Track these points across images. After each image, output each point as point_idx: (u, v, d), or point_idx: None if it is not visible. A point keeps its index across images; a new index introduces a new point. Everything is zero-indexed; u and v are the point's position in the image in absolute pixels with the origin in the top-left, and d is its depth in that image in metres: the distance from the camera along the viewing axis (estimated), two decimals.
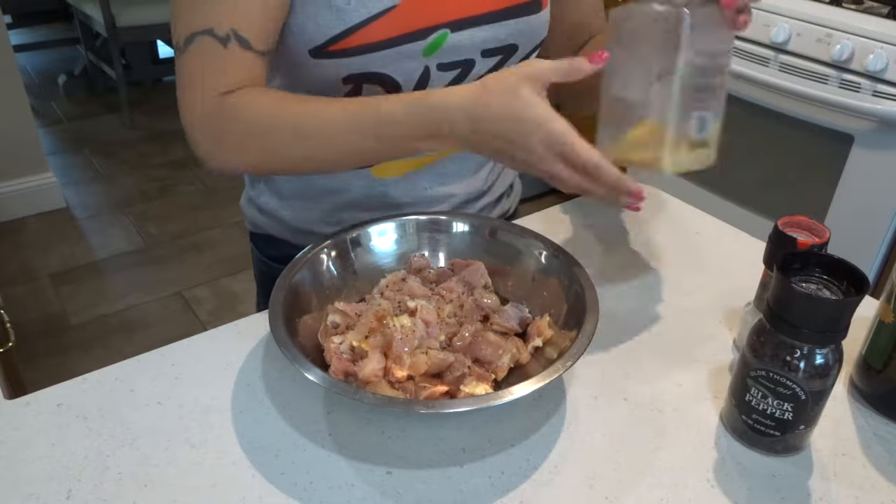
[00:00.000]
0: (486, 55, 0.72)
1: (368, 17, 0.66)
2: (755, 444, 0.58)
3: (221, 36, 0.64)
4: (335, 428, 0.59)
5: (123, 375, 0.64)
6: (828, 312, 0.52)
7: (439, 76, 0.71)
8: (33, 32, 4.24)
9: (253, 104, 0.65)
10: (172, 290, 2.27)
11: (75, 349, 2.03)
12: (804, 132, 1.73)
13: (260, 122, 0.64)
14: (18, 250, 2.45)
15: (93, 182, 2.89)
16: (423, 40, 0.68)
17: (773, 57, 1.72)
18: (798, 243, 0.61)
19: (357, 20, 0.66)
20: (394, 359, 0.59)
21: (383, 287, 0.69)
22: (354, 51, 0.67)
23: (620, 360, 0.68)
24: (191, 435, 0.58)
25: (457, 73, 0.72)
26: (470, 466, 0.56)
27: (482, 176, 0.84)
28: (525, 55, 0.74)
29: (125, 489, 0.53)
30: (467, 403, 0.55)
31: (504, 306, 0.67)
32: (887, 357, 0.61)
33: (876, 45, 1.54)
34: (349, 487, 0.54)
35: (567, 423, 0.60)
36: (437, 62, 0.70)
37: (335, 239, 0.71)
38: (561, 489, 0.55)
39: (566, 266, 0.68)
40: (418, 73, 0.70)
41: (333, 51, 0.67)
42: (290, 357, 0.56)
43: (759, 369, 0.55)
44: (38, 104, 3.45)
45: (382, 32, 0.67)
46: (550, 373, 0.55)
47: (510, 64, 0.74)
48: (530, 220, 0.89)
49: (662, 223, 0.90)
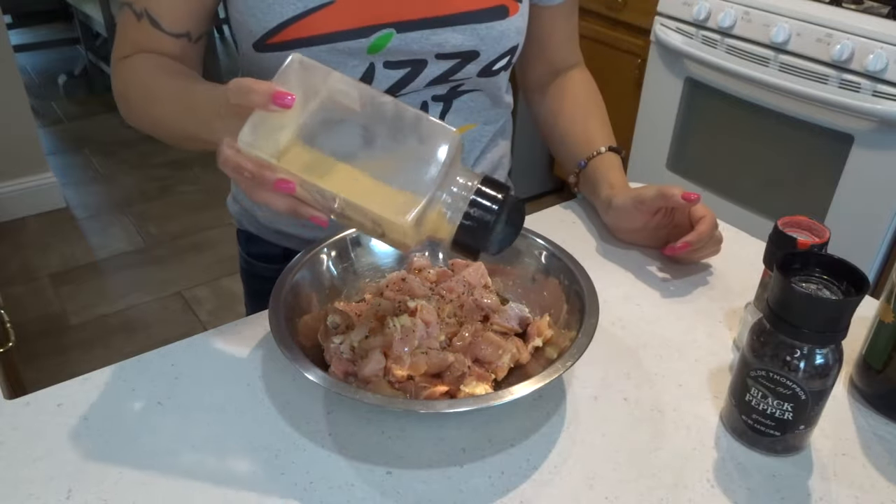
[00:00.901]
0: (441, 58, 0.72)
1: (304, 10, 0.68)
2: (755, 444, 0.58)
3: (137, 11, 0.72)
4: (335, 428, 0.59)
5: (123, 375, 0.64)
6: (828, 312, 0.52)
7: (385, 74, 0.72)
8: (33, 32, 4.24)
9: (136, 67, 0.71)
10: (172, 290, 2.27)
11: (75, 349, 2.03)
12: (804, 132, 1.73)
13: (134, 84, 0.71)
14: (18, 250, 2.45)
15: (93, 182, 2.89)
16: (365, 38, 0.69)
17: (773, 57, 1.72)
18: (798, 243, 0.61)
19: (292, 13, 0.68)
20: (394, 359, 0.59)
21: (383, 287, 0.69)
22: (292, 44, 0.68)
23: (620, 360, 0.68)
24: (191, 435, 0.58)
25: (405, 73, 0.72)
26: (470, 466, 0.56)
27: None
28: (491, 61, 0.74)
29: (125, 489, 0.53)
30: (467, 403, 0.55)
31: (504, 306, 0.67)
32: (887, 357, 0.61)
33: (876, 45, 1.54)
34: (349, 487, 0.54)
35: (567, 423, 0.60)
36: (384, 60, 0.71)
37: (335, 239, 0.71)
38: (561, 489, 0.55)
39: (566, 266, 0.68)
40: (362, 70, 0.71)
41: (272, 44, 0.69)
42: (290, 357, 0.56)
43: (759, 369, 0.55)
44: (38, 104, 3.45)
45: (320, 27, 0.68)
46: (550, 373, 0.55)
47: (470, 68, 0.73)
48: (530, 220, 0.89)
49: None
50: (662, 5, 1.98)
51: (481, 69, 0.74)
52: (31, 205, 2.62)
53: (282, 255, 0.88)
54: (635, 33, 2.20)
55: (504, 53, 0.75)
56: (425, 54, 0.71)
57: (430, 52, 0.71)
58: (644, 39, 2.12)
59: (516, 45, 0.76)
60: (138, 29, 0.72)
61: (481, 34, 0.71)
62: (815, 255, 0.56)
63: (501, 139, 0.88)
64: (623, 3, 2.20)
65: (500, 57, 0.75)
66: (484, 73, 0.75)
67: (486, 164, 0.87)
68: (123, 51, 0.74)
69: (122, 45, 0.74)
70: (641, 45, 2.16)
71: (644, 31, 2.12)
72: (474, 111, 0.81)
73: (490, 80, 0.77)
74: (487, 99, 0.82)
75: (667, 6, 1.96)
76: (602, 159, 0.84)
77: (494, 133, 0.86)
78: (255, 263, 0.90)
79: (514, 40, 0.75)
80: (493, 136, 0.86)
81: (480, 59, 0.73)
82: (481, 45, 0.72)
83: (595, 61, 2.38)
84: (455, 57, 0.72)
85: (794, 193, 1.77)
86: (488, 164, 0.87)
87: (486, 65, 0.74)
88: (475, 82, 0.76)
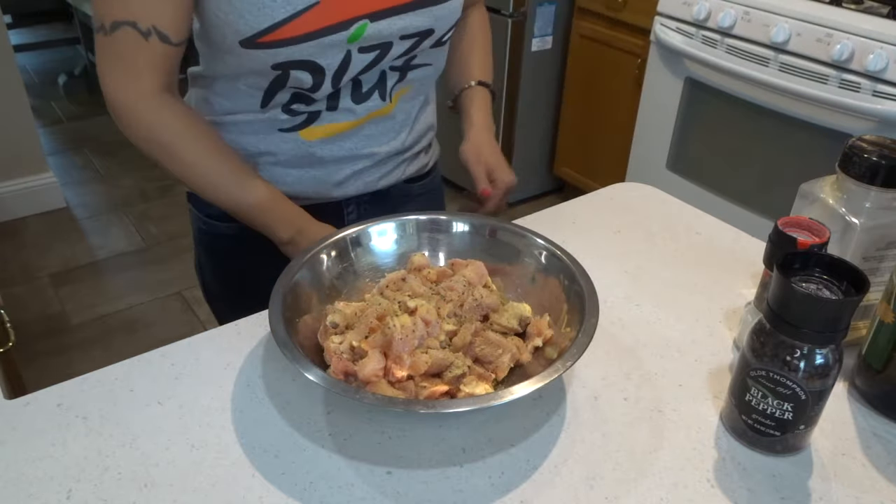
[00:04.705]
0: (404, 38, 0.80)
1: (294, 12, 0.72)
2: (755, 444, 0.58)
3: (144, 30, 0.71)
4: (335, 428, 0.59)
5: (123, 375, 0.64)
6: (828, 312, 0.52)
7: (359, 58, 0.78)
8: (33, 32, 4.24)
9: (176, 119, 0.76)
10: (172, 290, 2.27)
11: (75, 349, 2.03)
12: (804, 132, 1.73)
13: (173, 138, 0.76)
14: (18, 250, 2.45)
15: (93, 182, 2.89)
16: (345, 31, 0.75)
17: (773, 57, 1.72)
18: (798, 243, 0.61)
19: (282, 16, 0.71)
20: (394, 359, 0.59)
21: (383, 287, 0.69)
22: (281, 43, 0.73)
23: (620, 360, 0.68)
24: (191, 435, 0.58)
25: (376, 54, 0.79)
26: (470, 466, 0.56)
27: (402, 138, 0.91)
28: (441, 36, 0.83)
29: (125, 489, 0.53)
30: (467, 403, 0.55)
31: (504, 306, 0.67)
32: (887, 357, 0.61)
33: (876, 45, 1.54)
34: (349, 487, 0.54)
35: (567, 423, 0.60)
36: (359, 46, 0.77)
37: (335, 239, 0.71)
38: (561, 489, 0.55)
39: (566, 266, 0.67)
40: (341, 58, 0.77)
41: (262, 42, 0.73)
42: (290, 357, 0.56)
43: (759, 369, 0.55)
44: (38, 104, 3.45)
45: (307, 26, 0.73)
46: (550, 373, 0.55)
47: (426, 44, 0.83)
48: (530, 220, 0.89)
49: (662, 223, 0.90)
50: (662, 5, 1.98)
51: (434, 42, 0.84)
52: (31, 205, 2.62)
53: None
54: (635, 33, 2.20)
55: (452, 26, 0.84)
56: (392, 37, 0.79)
57: (396, 34, 0.79)
58: (644, 39, 2.12)
59: (459, 17, 0.85)
60: (148, 49, 0.72)
61: (436, 14, 0.80)
62: (815, 255, 0.56)
63: (431, 104, 0.97)
64: (623, 3, 2.20)
65: (448, 30, 0.84)
66: (435, 45, 0.85)
67: (421, 128, 0.94)
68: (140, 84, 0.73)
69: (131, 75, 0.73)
70: (641, 45, 2.16)
71: (644, 31, 2.12)
72: (424, 83, 0.90)
73: (440, 50, 0.87)
74: (434, 72, 0.91)
75: (667, 6, 1.96)
76: (471, 92, 0.97)
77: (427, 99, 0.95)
78: (214, 223, 0.93)
79: (458, 14, 0.84)
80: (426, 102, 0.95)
81: (435, 35, 0.82)
82: (436, 23, 0.81)
83: (595, 61, 2.40)
84: (415, 36, 0.81)
85: (794, 193, 1.77)
86: (423, 127, 0.95)
87: (438, 38, 0.83)
88: (427, 54, 0.85)
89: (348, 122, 0.84)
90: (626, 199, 0.96)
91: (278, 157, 0.85)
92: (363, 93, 0.83)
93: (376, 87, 0.83)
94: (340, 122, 0.84)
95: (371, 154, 0.89)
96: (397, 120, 0.89)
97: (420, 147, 0.96)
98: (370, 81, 0.83)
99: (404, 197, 0.97)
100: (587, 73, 2.43)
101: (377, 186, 0.92)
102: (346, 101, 0.82)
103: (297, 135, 0.84)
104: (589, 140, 2.53)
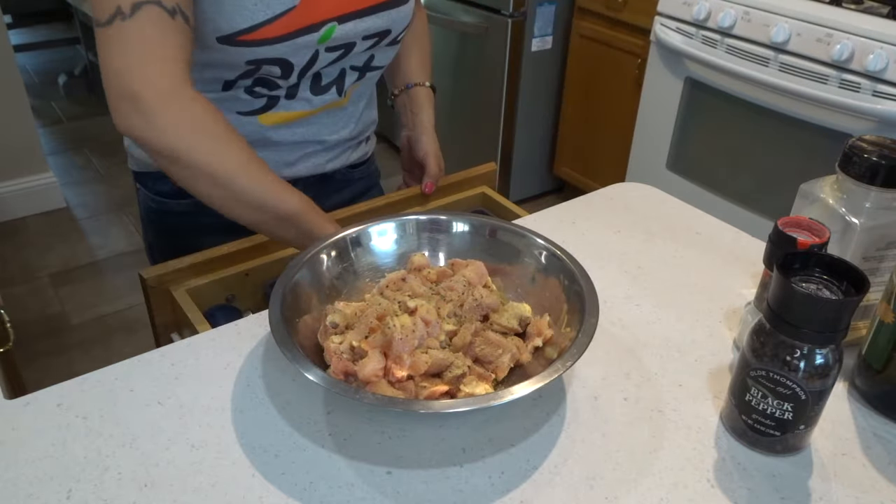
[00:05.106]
0: (365, 39, 0.86)
1: (272, 16, 0.76)
2: (755, 444, 0.58)
3: (169, 8, 0.68)
4: (335, 428, 0.59)
5: (123, 375, 0.64)
6: (828, 312, 0.52)
7: (325, 56, 0.84)
8: (33, 32, 4.24)
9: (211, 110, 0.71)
10: None
11: (75, 349, 2.03)
12: (804, 132, 1.73)
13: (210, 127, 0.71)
14: (18, 250, 2.45)
15: (93, 182, 2.89)
16: (316, 32, 0.80)
17: (773, 57, 1.72)
18: (798, 243, 0.61)
19: (262, 18, 0.76)
20: (394, 359, 0.59)
21: (383, 287, 0.69)
22: (258, 42, 0.77)
23: (620, 360, 0.68)
24: (191, 435, 0.58)
25: (340, 53, 0.85)
26: (470, 466, 0.56)
27: (350, 128, 0.98)
28: (396, 36, 0.90)
29: (125, 489, 0.53)
30: (467, 403, 0.55)
31: (504, 306, 0.67)
32: (887, 357, 0.61)
33: (876, 45, 1.54)
34: (349, 487, 0.54)
35: (567, 423, 0.60)
36: (326, 46, 0.83)
37: (335, 239, 0.71)
38: (561, 489, 0.55)
39: (566, 266, 0.67)
40: (308, 56, 0.82)
41: (240, 41, 0.76)
42: (290, 357, 0.56)
43: (759, 369, 0.55)
44: (38, 104, 3.45)
45: (283, 28, 0.77)
46: (550, 373, 0.55)
47: (383, 43, 0.90)
48: (530, 220, 0.89)
49: (662, 223, 0.90)
50: (662, 5, 1.98)
51: (389, 42, 0.91)
52: (31, 205, 2.62)
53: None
54: (635, 33, 2.20)
55: (405, 27, 0.91)
56: (356, 37, 0.85)
57: (360, 35, 0.85)
58: (644, 39, 2.12)
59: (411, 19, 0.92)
60: (177, 30, 0.68)
61: (393, 17, 0.87)
62: (815, 255, 0.56)
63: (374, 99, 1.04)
64: (623, 3, 2.20)
65: (403, 30, 0.91)
66: (390, 44, 0.92)
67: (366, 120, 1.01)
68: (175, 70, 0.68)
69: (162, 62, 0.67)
70: (641, 45, 2.16)
71: (644, 31, 2.12)
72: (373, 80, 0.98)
73: (393, 49, 0.93)
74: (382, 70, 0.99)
75: (667, 6, 1.96)
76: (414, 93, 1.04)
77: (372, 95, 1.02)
78: (165, 202, 0.94)
79: (410, 16, 0.91)
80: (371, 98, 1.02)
81: (391, 35, 0.89)
82: (392, 24, 0.88)
83: (595, 61, 2.40)
84: (375, 36, 0.87)
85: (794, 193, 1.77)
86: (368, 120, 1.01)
87: (394, 38, 0.90)
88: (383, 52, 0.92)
89: (304, 111, 0.90)
90: (626, 199, 0.96)
91: None
92: (321, 86, 0.88)
93: (334, 83, 0.90)
94: (296, 111, 0.89)
95: (321, 140, 0.95)
96: (347, 111, 0.96)
97: (363, 137, 1.03)
98: (330, 76, 0.88)
99: (346, 181, 1.04)
100: (587, 73, 2.43)
101: (324, 169, 0.98)
102: (304, 91, 0.87)
103: (256, 119, 0.88)
104: (589, 140, 2.53)
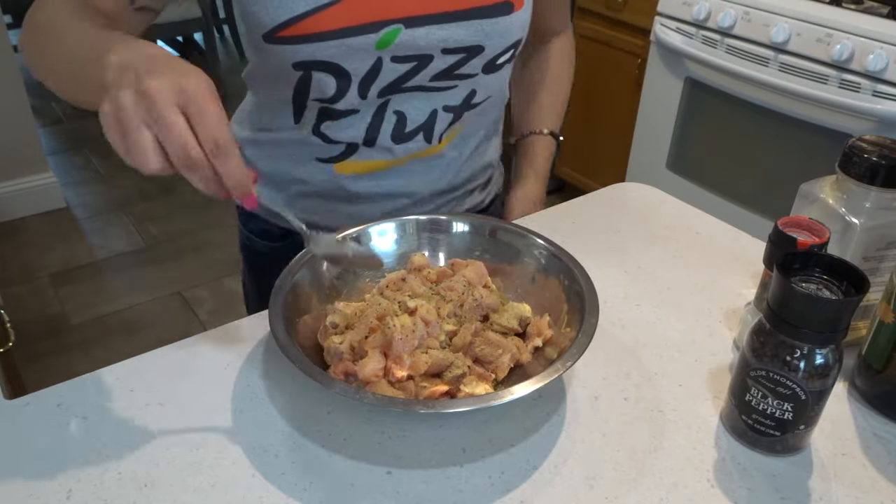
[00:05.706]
0: (446, 53, 0.73)
1: (316, 6, 0.68)
2: (755, 444, 0.58)
3: None
4: (335, 428, 0.59)
5: (123, 375, 0.64)
6: (828, 312, 0.52)
7: (392, 67, 0.72)
8: None
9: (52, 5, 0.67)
10: (172, 290, 2.27)
11: (75, 349, 2.03)
12: (804, 132, 1.73)
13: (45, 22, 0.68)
14: (18, 250, 2.45)
15: (93, 182, 2.89)
16: (374, 34, 0.69)
17: (773, 57, 1.72)
18: (798, 243, 0.61)
19: (304, 9, 0.68)
20: (394, 359, 0.59)
21: (383, 287, 0.69)
22: (302, 38, 0.68)
23: (620, 360, 0.68)
24: (191, 435, 0.58)
25: (412, 66, 0.72)
26: (470, 466, 0.56)
27: (448, 178, 0.85)
28: (496, 55, 0.75)
29: (125, 489, 0.53)
30: (467, 403, 0.55)
31: (504, 306, 0.67)
32: (887, 357, 0.61)
33: (876, 45, 1.54)
34: (349, 487, 0.54)
35: (567, 423, 0.60)
36: (392, 55, 0.71)
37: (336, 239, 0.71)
38: (561, 489, 0.55)
39: (566, 266, 0.67)
40: (370, 64, 0.71)
41: (282, 37, 0.69)
42: (291, 357, 0.56)
43: (759, 369, 0.55)
44: (38, 104, 3.44)
45: (331, 23, 0.68)
46: (550, 373, 0.55)
47: (474, 63, 0.74)
48: (530, 220, 0.89)
49: (662, 223, 0.90)
50: (662, 5, 1.98)
51: (485, 63, 0.75)
52: (31, 205, 2.62)
53: (279, 234, 0.89)
54: (635, 33, 2.20)
55: (508, 47, 0.75)
56: (431, 49, 0.72)
57: (437, 46, 0.71)
58: (644, 39, 2.12)
59: (520, 39, 0.77)
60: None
61: (486, 30, 0.72)
62: (815, 255, 0.56)
63: (494, 139, 0.90)
64: (623, 3, 2.20)
65: (504, 51, 0.75)
66: (488, 69, 0.76)
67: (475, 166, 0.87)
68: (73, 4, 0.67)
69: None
70: (641, 45, 2.16)
71: (644, 31, 2.12)
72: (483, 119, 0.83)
73: (497, 76, 0.78)
74: (497, 110, 0.84)
75: (667, 6, 1.96)
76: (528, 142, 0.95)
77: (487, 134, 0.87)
78: (255, 240, 0.92)
79: (517, 34, 0.75)
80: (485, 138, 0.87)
81: (485, 53, 0.74)
82: (486, 40, 0.73)
83: (595, 61, 2.40)
84: (460, 52, 0.73)
85: (794, 193, 1.77)
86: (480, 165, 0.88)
87: (491, 59, 0.75)
88: (485, 84, 0.77)
89: (385, 160, 0.78)
90: (626, 199, 0.96)
91: (309, 185, 0.82)
92: (406, 132, 0.76)
93: (422, 129, 0.77)
94: (376, 160, 0.78)
95: (410, 193, 0.82)
96: (445, 159, 0.82)
97: (475, 185, 0.88)
98: (416, 120, 0.76)
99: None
100: (587, 73, 2.43)
101: None
102: (384, 138, 0.76)
103: (332, 167, 0.79)
104: (589, 140, 2.53)
